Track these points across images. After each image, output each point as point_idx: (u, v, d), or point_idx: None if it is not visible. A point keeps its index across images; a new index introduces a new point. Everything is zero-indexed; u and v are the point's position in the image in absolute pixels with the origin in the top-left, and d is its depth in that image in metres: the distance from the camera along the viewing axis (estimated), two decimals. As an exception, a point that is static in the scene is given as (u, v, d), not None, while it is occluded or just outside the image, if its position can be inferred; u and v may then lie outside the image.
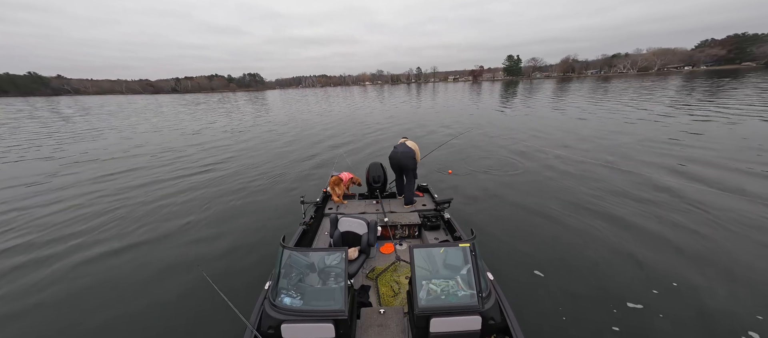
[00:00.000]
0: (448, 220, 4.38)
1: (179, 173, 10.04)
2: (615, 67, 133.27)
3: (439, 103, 34.01)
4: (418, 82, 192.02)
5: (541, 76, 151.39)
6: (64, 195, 8.20)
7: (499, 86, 72.61)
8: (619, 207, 6.07)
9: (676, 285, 3.88)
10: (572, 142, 11.91)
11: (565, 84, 64.85)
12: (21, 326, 3.73)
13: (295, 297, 2.39)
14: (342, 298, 2.28)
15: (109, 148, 14.62)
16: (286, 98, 65.52)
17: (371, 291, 3.47)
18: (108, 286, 4.41)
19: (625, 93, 32.76)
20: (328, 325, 2.20)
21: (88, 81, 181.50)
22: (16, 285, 4.48)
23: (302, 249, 2.66)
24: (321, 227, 4.75)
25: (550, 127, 15.38)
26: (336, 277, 2.48)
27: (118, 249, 5.38)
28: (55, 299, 4.18)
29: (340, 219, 3.88)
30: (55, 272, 4.77)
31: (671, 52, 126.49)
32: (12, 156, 13.42)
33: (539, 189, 7.24)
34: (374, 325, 2.74)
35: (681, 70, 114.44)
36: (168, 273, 4.64)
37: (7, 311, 3.97)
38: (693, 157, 9.12)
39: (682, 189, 6.75)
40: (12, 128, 22.99)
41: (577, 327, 3.35)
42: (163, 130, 20.74)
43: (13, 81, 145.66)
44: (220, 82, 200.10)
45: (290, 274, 2.53)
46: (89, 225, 6.38)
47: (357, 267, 3.46)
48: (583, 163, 9.08)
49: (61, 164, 11.74)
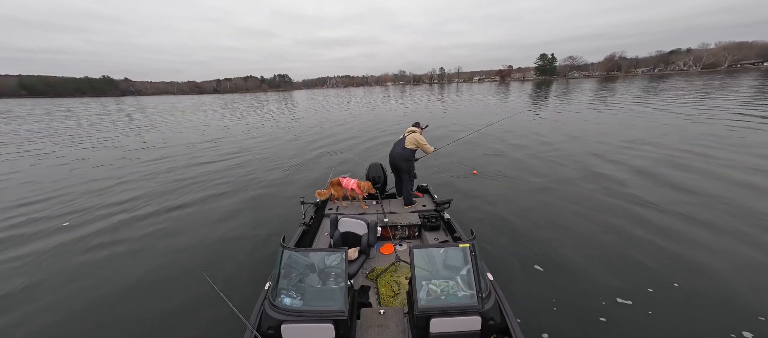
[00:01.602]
0: (448, 221, 4.39)
1: (181, 173, 10.05)
2: (673, 64, 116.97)
3: (463, 103, 33.76)
4: (440, 82, 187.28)
5: (580, 76, 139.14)
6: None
7: (529, 87, 68.48)
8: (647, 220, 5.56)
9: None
10: (614, 140, 11.59)
11: (608, 83, 60.57)
12: (22, 326, 3.74)
13: (295, 297, 2.39)
14: (342, 298, 2.29)
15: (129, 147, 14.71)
16: (310, 98, 67.67)
17: (371, 292, 3.48)
18: (108, 286, 4.40)
19: (686, 91, 30.04)
20: (328, 325, 2.20)
21: (148, 83, 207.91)
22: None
23: (302, 250, 2.67)
24: (321, 227, 4.75)
25: (587, 128, 14.62)
26: (336, 278, 2.49)
27: (118, 249, 5.39)
28: (55, 300, 4.18)
29: (340, 220, 3.88)
30: (55, 267, 4.79)
31: (747, 46, 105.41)
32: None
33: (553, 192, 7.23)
34: (374, 325, 2.74)
35: (760, 66, 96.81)
36: (168, 274, 4.64)
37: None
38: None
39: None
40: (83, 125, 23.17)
41: (576, 327, 3.35)
42: (182, 129, 21.16)
43: (91, 84, 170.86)
44: (254, 83, 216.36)
45: (290, 275, 2.54)
46: (92, 226, 6.40)
47: (357, 268, 3.46)
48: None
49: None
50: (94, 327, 3.68)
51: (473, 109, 26.95)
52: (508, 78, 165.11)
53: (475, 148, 11.40)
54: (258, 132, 18.44)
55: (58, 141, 17.29)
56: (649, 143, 10.98)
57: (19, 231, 6.22)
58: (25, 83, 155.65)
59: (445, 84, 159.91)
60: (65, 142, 17.02)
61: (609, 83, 62.34)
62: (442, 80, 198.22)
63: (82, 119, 30.39)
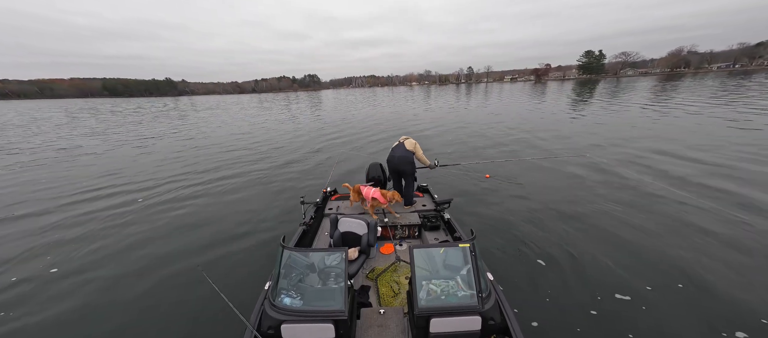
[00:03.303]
0: (448, 221, 4.38)
1: (184, 174, 10.06)
2: (760, 59, 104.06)
3: (492, 103, 32.35)
4: (468, 82, 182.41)
5: (635, 73, 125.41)
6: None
7: (570, 86, 62.75)
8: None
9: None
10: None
11: (670, 81, 53.52)
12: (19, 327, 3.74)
13: (295, 297, 2.39)
14: (342, 298, 2.29)
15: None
16: (336, 97, 70.28)
17: (371, 292, 3.47)
18: (108, 285, 4.41)
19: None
20: (328, 325, 2.20)
21: (199, 84, 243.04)
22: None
23: (302, 250, 2.67)
24: (321, 227, 4.75)
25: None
26: (336, 277, 2.48)
27: (118, 249, 5.39)
28: (51, 296, 4.19)
29: (340, 220, 3.88)
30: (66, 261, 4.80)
31: None
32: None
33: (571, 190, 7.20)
34: (374, 325, 2.74)
35: None
36: (168, 273, 4.63)
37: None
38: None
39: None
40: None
41: (579, 327, 3.35)
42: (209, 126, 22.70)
43: (157, 85, 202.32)
44: (287, 83, 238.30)
45: (290, 274, 2.53)
46: (99, 223, 6.41)
47: (357, 268, 3.46)
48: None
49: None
50: (93, 326, 3.68)
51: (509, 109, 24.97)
52: (545, 77, 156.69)
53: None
54: (277, 130, 18.79)
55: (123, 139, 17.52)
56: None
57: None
58: (107, 85, 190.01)
59: (474, 83, 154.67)
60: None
61: (671, 81, 55.66)
62: (470, 80, 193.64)
63: (145, 115, 34.98)
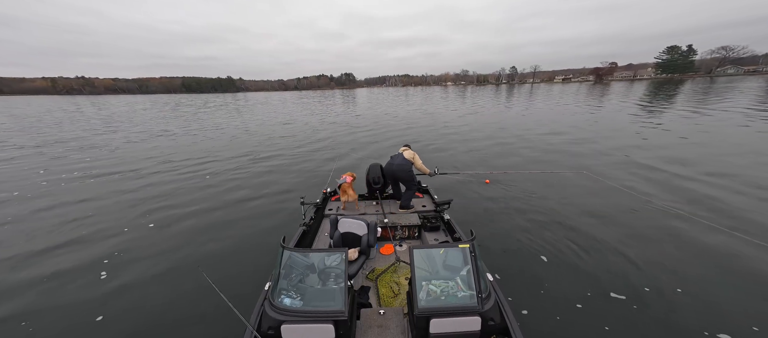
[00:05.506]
0: (448, 221, 4.39)
1: (185, 175, 10.07)
2: None
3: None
4: (510, 82, 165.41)
5: (739, 71, 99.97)
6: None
7: (640, 88, 50.89)
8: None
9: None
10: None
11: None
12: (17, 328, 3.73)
13: (295, 297, 2.40)
14: (342, 299, 2.29)
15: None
16: (367, 96, 72.36)
17: (371, 292, 3.48)
18: (107, 284, 4.40)
19: None
20: (328, 326, 2.20)
21: (252, 81, 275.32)
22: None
23: (302, 250, 2.67)
24: (321, 228, 4.76)
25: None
26: (336, 278, 2.49)
27: (119, 248, 5.39)
28: (50, 297, 4.18)
29: (340, 220, 3.88)
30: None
31: None
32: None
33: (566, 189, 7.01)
34: (374, 326, 2.74)
35: None
36: (168, 274, 4.63)
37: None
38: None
39: None
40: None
41: (578, 327, 3.35)
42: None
43: (220, 83, 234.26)
44: (324, 81, 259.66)
45: (290, 275, 2.54)
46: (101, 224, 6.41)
47: (357, 268, 3.47)
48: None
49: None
50: (93, 326, 3.67)
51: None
52: (609, 77, 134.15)
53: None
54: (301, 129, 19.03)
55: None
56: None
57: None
58: (185, 83, 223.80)
59: (517, 84, 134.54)
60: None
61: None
62: (513, 80, 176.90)
63: (211, 110, 37.81)
